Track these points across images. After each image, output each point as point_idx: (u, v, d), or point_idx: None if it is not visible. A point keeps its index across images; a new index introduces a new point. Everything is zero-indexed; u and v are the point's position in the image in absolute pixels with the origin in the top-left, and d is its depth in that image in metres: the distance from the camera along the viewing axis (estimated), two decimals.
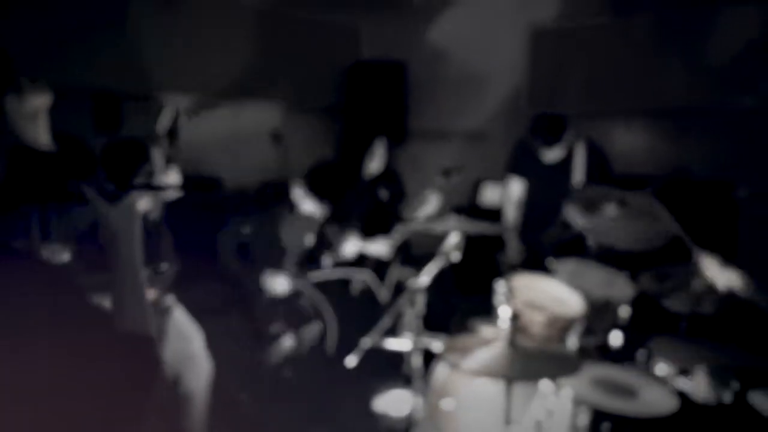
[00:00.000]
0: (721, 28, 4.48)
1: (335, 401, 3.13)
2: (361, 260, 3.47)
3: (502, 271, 3.40)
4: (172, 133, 2.43)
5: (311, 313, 3.03)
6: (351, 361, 2.35)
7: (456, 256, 2.40)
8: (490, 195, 5.26)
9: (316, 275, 3.17)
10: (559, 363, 1.93)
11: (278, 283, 2.92)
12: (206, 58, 4.85)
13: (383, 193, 3.72)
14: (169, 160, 2.38)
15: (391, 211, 3.70)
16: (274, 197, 3.35)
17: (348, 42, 5.98)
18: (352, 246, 3.26)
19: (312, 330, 3.02)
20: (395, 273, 3.43)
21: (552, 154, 3.45)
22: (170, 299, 2.37)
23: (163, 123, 2.42)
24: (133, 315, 1.24)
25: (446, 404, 2.29)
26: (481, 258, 3.97)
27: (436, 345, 2.43)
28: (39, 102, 1.79)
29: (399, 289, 3.13)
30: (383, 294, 3.24)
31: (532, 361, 1.90)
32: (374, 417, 2.97)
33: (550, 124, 3.42)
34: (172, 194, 2.40)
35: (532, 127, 3.47)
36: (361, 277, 3.33)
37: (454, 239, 2.40)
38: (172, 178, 2.39)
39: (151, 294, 2.21)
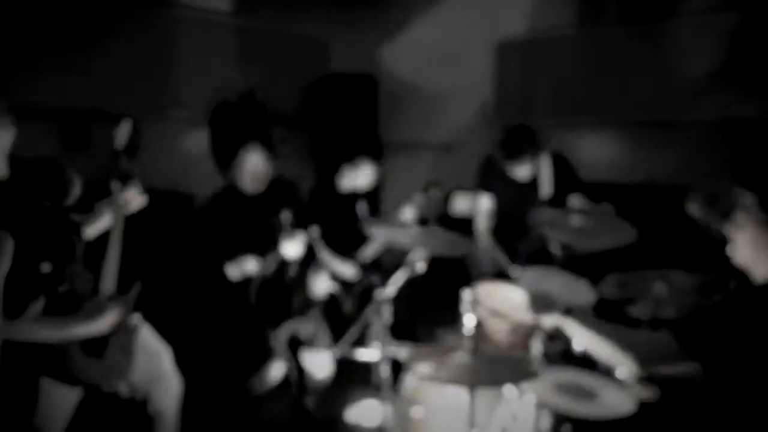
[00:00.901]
0: (684, 40, 4.62)
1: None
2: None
3: (473, 280, 3.46)
4: (130, 149, 2.42)
5: None
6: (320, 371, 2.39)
7: (421, 267, 2.45)
8: (460, 205, 5.33)
9: None
10: (519, 368, 1.99)
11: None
12: (179, 74, 4.87)
13: (362, 208, 3.73)
14: (128, 176, 2.38)
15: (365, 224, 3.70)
16: None
17: (318, 55, 6.03)
18: (323, 284, 3.25)
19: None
20: (364, 281, 3.47)
21: (520, 172, 3.51)
22: (136, 318, 2.35)
23: (120, 139, 2.40)
24: None
25: (416, 412, 2.34)
26: (453, 267, 4.03)
27: (404, 354, 2.47)
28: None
29: (365, 297, 3.16)
30: (348, 304, 3.27)
31: (493, 367, 1.96)
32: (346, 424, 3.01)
33: (517, 136, 3.48)
34: (134, 209, 2.41)
35: (500, 141, 3.52)
36: (331, 288, 3.36)
37: (418, 251, 2.45)
38: (131, 194, 2.39)
39: (116, 315, 2.22)
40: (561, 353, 2.68)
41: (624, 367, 2.21)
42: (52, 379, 2.15)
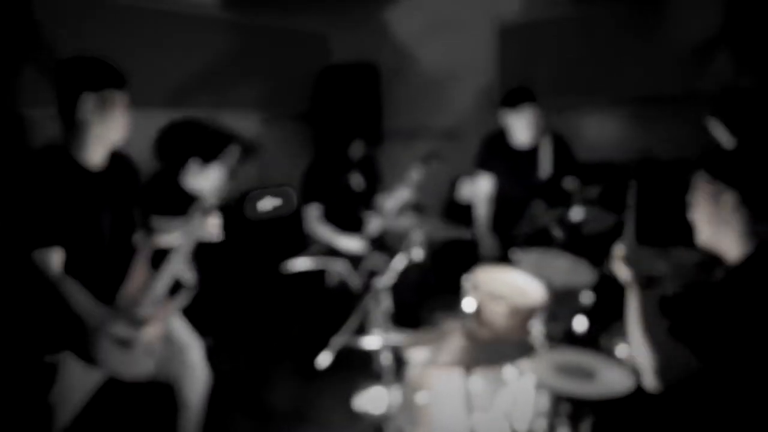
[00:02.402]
0: (680, 16, 4.57)
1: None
2: (336, 251, 3.54)
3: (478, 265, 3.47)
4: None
5: None
6: (324, 360, 2.41)
7: (418, 254, 2.46)
8: (467, 191, 5.33)
9: (292, 266, 3.23)
10: (514, 349, 2.01)
11: None
12: (176, 70, 4.90)
13: (358, 182, 3.77)
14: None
15: (366, 199, 3.75)
16: None
17: (318, 48, 6.04)
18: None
19: None
20: (369, 261, 3.50)
21: (521, 130, 3.51)
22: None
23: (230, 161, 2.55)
24: None
25: (420, 398, 2.36)
26: (458, 253, 4.03)
27: (403, 341, 2.49)
28: None
29: (372, 276, 3.19)
30: (356, 282, 3.30)
31: (488, 348, 1.97)
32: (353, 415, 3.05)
33: (518, 90, 3.55)
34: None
35: (509, 96, 3.57)
36: (337, 268, 3.40)
37: (416, 237, 2.46)
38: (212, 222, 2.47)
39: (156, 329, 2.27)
40: (562, 334, 2.69)
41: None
42: (76, 358, 2.17)
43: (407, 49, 5.92)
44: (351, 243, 3.51)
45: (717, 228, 1.70)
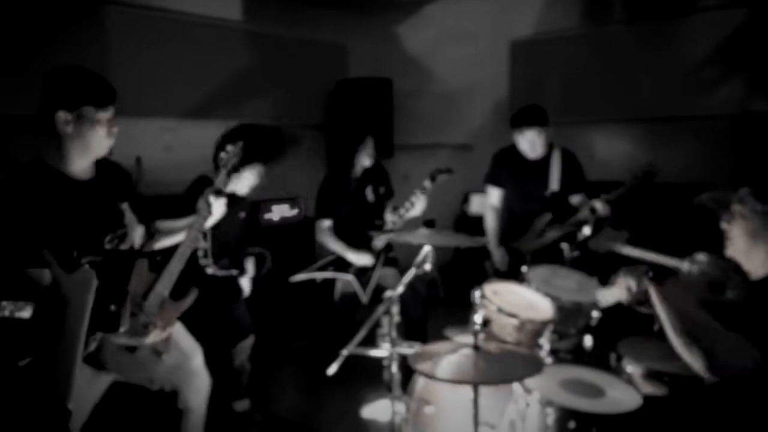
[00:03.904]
0: (693, 38, 4.61)
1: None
2: (345, 262, 3.59)
3: (488, 278, 3.49)
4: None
5: None
6: (331, 369, 2.43)
7: (428, 267, 2.48)
8: (478, 205, 5.36)
9: (299, 276, 3.28)
10: (522, 365, 2.02)
11: None
12: (195, 80, 4.98)
13: (369, 194, 3.81)
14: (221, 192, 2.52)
15: (377, 211, 3.79)
16: None
17: (336, 60, 6.11)
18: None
19: None
20: (377, 274, 3.54)
21: (530, 146, 3.55)
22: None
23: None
24: (57, 385, 1.20)
25: (428, 409, 2.38)
26: (469, 266, 4.03)
27: (412, 353, 2.51)
28: None
29: (381, 290, 3.21)
30: (364, 296, 3.34)
31: (496, 365, 1.99)
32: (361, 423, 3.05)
33: (524, 111, 3.59)
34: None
35: (513, 118, 3.61)
36: (345, 278, 3.44)
37: (425, 250, 2.49)
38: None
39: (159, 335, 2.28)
40: (569, 351, 2.70)
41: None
42: (83, 363, 2.14)
43: (421, 63, 5.97)
44: (360, 257, 3.55)
45: (754, 244, 1.78)
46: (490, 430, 2.29)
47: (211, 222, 2.51)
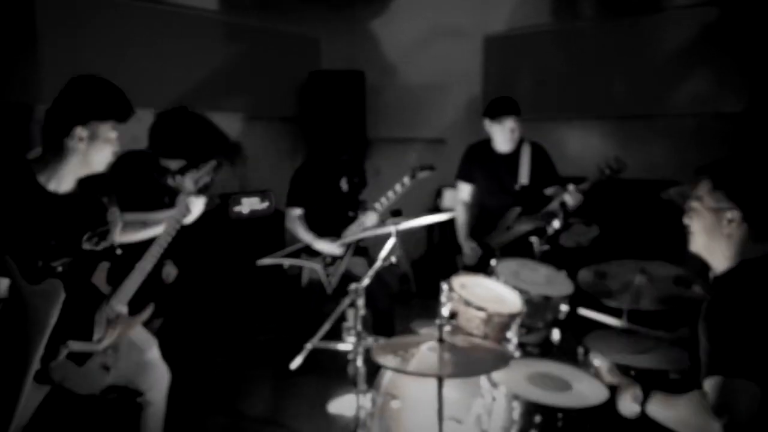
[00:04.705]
0: (664, 36, 4.64)
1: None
2: (314, 251, 3.56)
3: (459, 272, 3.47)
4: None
5: None
6: (294, 363, 2.39)
7: (394, 260, 2.45)
8: (450, 200, 5.34)
9: (266, 260, 3.22)
10: (489, 359, 1.99)
11: None
12: (167, 70, 4.87)
13: (344, 184, 3.79)
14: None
15: (351, 202, 3.77)
16: None
17: (309, 52, 6.04)
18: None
19: None
20: (344, 265, 3.53)
21: (502, 139, 3.54)
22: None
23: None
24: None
25: (394, 404, 2.34)
26: (442, 261, 4.01)
27: (376, 346, 2.47)
28: None
29: (350, 279, 3.18)
30: (329, 286, 3.31)
31: (462, 358, 1.95)
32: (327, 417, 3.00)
33: (499, 101, 3.59)
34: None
35: (490, 107, 3.60)
36: (311, 266, 3.41)
37: (391, 242, 2.45)
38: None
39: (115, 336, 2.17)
40: (538, 344, 2.69)
41: None
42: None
43: (394, 57, 5.94)
44: (328, 246, 3.54)
45: (713, 238, 1.74)
46: (456, 425, 2.25)
47: (189, 220, 2.44)
